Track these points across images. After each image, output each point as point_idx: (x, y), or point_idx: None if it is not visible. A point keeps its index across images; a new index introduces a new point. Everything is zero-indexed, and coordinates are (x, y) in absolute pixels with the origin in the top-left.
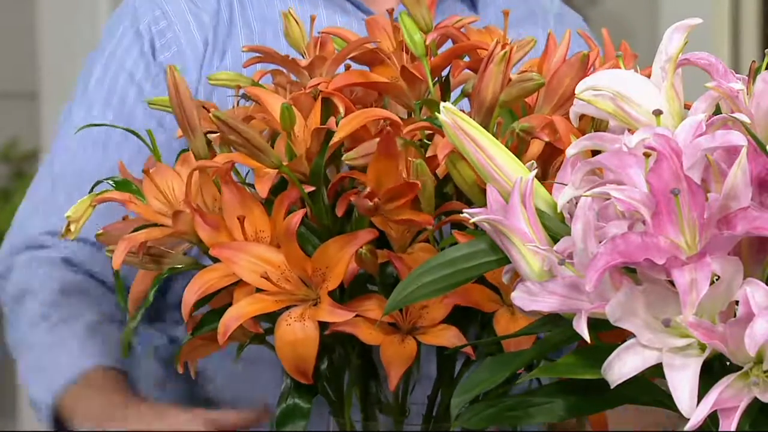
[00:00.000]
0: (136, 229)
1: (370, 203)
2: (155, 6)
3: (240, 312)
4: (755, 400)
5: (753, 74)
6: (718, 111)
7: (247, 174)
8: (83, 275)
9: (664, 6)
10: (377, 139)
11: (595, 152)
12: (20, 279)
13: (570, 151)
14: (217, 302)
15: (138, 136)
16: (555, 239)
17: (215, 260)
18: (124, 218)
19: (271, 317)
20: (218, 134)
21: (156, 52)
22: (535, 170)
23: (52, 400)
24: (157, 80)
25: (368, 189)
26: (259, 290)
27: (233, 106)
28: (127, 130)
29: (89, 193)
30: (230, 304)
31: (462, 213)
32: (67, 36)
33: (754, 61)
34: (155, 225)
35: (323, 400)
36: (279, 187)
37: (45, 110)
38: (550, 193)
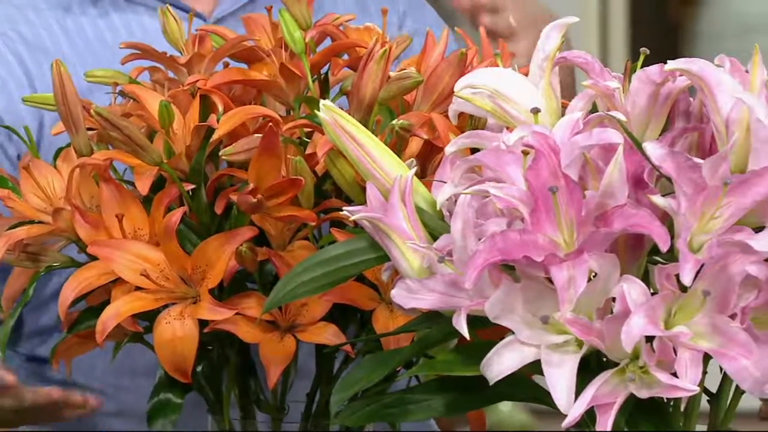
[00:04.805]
0: (13, 227)
1: (253, 200)
2: None
3: (118, 310)
4: (631, 396)
5: (628, 73)
6: (594, 109)
7: (124, 172)
8: None
9: None
10: (256, 135)
11: (473, 150)
12: None
13: (449, 149)
14: (94, 299)
15: (16, 133)
16: (434, 237)
17: (93, 258)
18: None
19: (150, 315)
20: (96, 131)
21: None
22: (415, 168)
23: None
24: None
25: (251, 186)
26: (138, 288)
27: (110, 104)
28: (5, 127)
29: None
30: (108, 302)
31: (341, 211)
32: None
33: (628, 60)
34: (32, 222)
35: (201, 398)
36: (158, 185)
37: None
38: (430, 191)
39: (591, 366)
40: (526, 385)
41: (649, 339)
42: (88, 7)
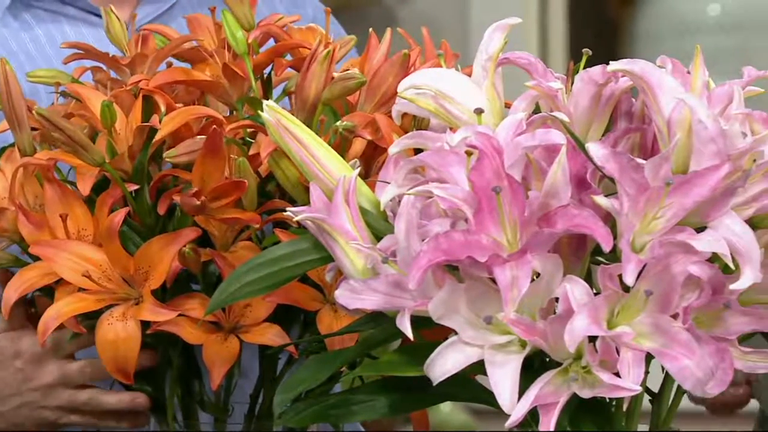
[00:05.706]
0: None
1: (197, 202)
2: None
3: (60, 311)
4: (574, 395)
5: (571, 74)
6: (537, 110)
7: (68, 172)
8: None
9: (474, 6)
10: (200, 137)
11: (417, 150)
12: None
13: (392, 150)
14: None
15: None
16: (378, 237)
17: (37, 258)
18: None
19: (93, 316)
20: (39, 131)
21: None
22: (358, 168)
23: None
24: None
25: (194, 188)
26: (81, 289)
27: (52, 104)
28: None
29: None
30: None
31: (285, 211)
32: None
33: (571, 61)
34: None
35: None
36: (101, 185)
37: None
38: (373, 192)
39: (534, 366)
40: (469, 385)
41: (592, 339)
42: (9, 20)
